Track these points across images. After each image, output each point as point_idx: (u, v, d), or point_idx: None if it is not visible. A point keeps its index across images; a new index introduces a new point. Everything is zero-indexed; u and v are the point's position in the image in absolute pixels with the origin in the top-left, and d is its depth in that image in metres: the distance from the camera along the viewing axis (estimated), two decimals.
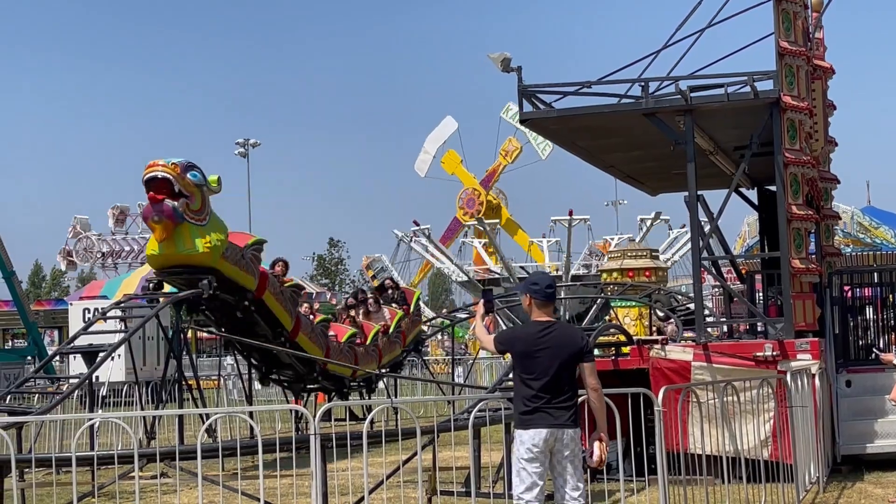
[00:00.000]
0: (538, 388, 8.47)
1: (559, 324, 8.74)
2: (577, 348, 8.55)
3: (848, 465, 14.63)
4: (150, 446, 14.26)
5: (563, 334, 8.60)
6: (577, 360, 8.53)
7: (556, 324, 8.66)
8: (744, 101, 14.04)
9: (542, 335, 8.54)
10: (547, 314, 8.65)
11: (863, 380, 15.26)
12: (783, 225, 14.12)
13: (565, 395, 8.48)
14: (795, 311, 14.02)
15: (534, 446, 8.42)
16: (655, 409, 10.38)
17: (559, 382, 8.46)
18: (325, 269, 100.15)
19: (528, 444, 8.44)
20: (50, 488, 10.44)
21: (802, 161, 14.21)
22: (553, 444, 8.41)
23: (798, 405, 12.36)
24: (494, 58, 14.76)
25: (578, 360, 8.53)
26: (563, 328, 8.75)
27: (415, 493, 11.06)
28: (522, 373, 8.59)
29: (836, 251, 17.94)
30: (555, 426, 8.40)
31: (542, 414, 8.44)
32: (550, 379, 8.45)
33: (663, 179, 18.74)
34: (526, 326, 8.82)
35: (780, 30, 14.17)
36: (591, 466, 8.69)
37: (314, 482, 9.50)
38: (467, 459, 11.84)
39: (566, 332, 8.72)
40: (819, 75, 15.92)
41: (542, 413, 8.44)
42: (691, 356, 13.94)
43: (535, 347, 8.53)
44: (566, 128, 15.49)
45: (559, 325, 8.72)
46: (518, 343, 8.67)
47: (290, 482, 13.00)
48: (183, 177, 15.33)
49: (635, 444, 10.88)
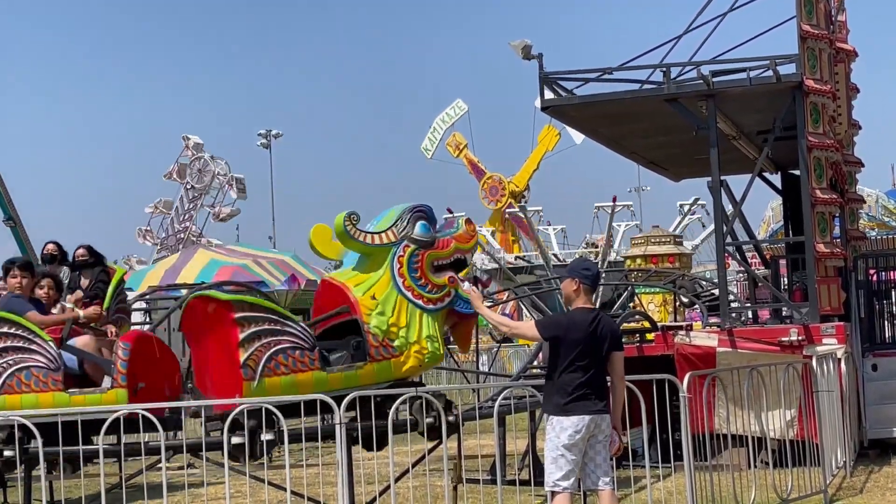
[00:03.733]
0: (587, 376, 8.46)
1: (601, 312, 8.78)
2: (616, 337, 8.70)
3: (875, 448, 14.59)
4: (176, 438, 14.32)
5: (608, 323, 8.69)
6: (611, 349, 8.58)
7: (600, 312, 8.72)
8: (766, 85, 13.98)
9: (594, 323, 8.53)
10: (590, 301, 8.66)
11: (889, 363, 15.19)
12: (807, 209, 14.06)
13: (603, 382, 8.57)
14: (820, 296, 13.96)
15: (576, 433, 8.38)
16: (681, 395, 10.36)
17: (600, 370, 8.54)
18: None
19: (570, 431, 8.38)
20: (78, 480, 10.49)
21: (826, 145, 14.14)
22: (593, 430, 8.43)
23: (824, 390, 12.32)
24: (515, 45, 14.84)
25: (611, 348, 8.58)
26: (605, 317, 8.78)
27: (441, 482, 11.07)
28: (572, 359, 8.47)
29: (860, 235, 17.86)
30: (595, 412, 8.42)
31: (585, 402, 8.43)
32: (599, 367, 8.52)
33: (686, 165, 18.69)
34: (576, 314, 8.63)
35: (801, 13, 14.09)
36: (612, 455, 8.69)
37: (340, 472, 9.53)
38: (493, 448, 11.85)
39: (608, 321, 8.77)
40: (842, 58, 15.83)
41: (585, 401, 8.44)
42: (716, 342, 13.90)
43: (589, 335, 8.50)
44: (588, 115, 15.46)
45: (601, 313, 8.76)
46: (572, 330, 8.51)
47: (316, 472, 13.05)
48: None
49: (661, 430, 10.84)
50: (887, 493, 12.05)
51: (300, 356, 9.72)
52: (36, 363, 9.79)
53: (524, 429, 12.93)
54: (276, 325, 9.68)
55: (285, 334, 9.71)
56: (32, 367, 9.76)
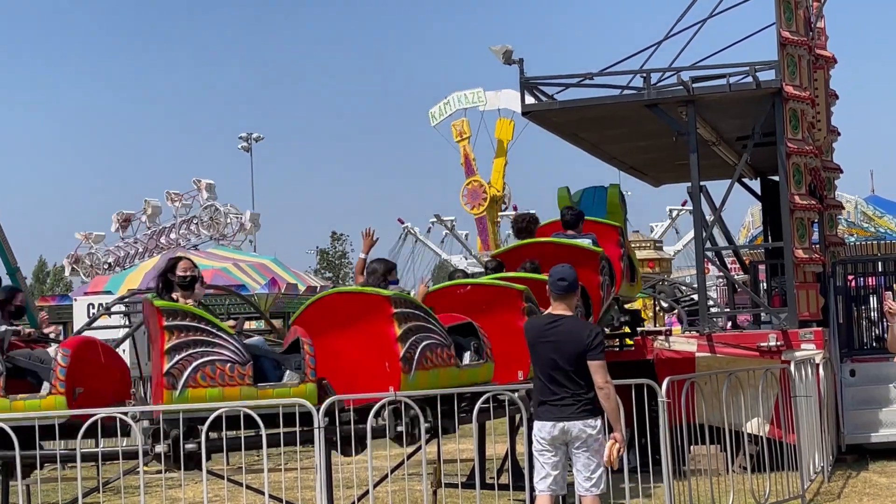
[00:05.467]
0: (544, 381, 8.45)
1: (568, 318, 8.52)
2: (581, 345, 8.34)
3: (853, 454, 14.64)
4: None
5: (568, 329, 8.45)
6: (583, 357, 8.34)
7: (565, 318, 8.49)
8: (746, 91, 14.03)
9: (549, 328, 8.47)
10: (563, 307, 8.51)
11: (867, 369, 15.25)
12: (786, 215, 14.12)
13: (571, 389, 8.36)
14: (799, 301, 14.02)
15: (542, 438, 8.43)
16: (659, 399, 10.38)
17: (562, 377, 8.37)
18: (329, 262, 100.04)
19: (537, 436, 8.47)
20: (55, 484, 10.46)
21: (805, 151, 14.20)
22: (562, 436, 8.39)
23: (802, 395, 12.36)
24: (496, 50, 14.81)
25: (584, 357, 8.34)
26: (570, 323, 8.52)
27: (420, 486, 11.07)
28: (536, 364, 8.60)
29: (839, 241, 17.94)
30: (560, 419, 8.37)
31: (548, 407, 8.42)
32: (553, 372, 8.40)
33: (666, 170, 18.74)
34: (538, 318, 8.78)
35: (781, 19, 14.15)
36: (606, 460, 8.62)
37: (319, 476, 9.51)
38: (472, 452, 11.84)
39: (572, 327, 8.50)
40: (821, 65, 15.91)
41: (549, 406, 8.42)
42: (695, 347, 13.95)
43: (540, 339, 8.49)
44: (568, 120, 15.48)
45: (567, 319, 8.51)
46: (527, 333, 8.63)
47: (294, 476, 13.02)
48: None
49: (639, 435, 10.87)
50: (864, 498, 12.10)
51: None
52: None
53: (504, 433, 12.92)
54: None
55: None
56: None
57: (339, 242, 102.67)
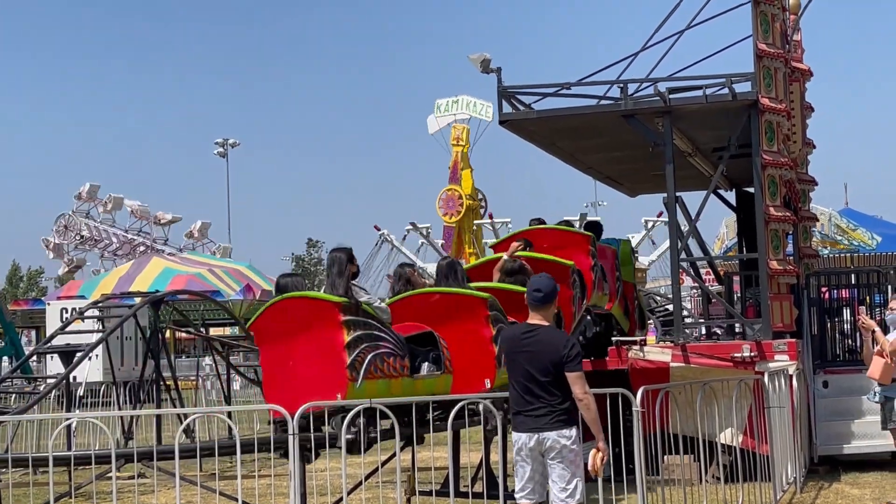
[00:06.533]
0: (520, 391, 8.46)
1: (544, 328, 8.50)
2: (556, 356, 8.31)
3: (825, 465, 14.70)
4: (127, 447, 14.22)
5: (543, 340, 8.42)
6: (559, 367, 8.31)
7: (541, 328, 8.48)
8: (722, 102, 14.08)
9: (524, 338, 8.47)
10: (539, 318, 8.51)
11: (840, 381, 15.33)
12: (761, 226, 14.17)
13: (545, 399, 8.34)
14: (773, 313, 14.07)
15: (519, 449, 8.47)
16: (634, 409, 10.39)
17: (538, 387, 8.36)
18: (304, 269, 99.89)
19: (515, 446, 8.50)
20: (26, 489, 10.40)
21: (780, 163, 14.26)
22: (538, 447, 8.38)
23: (775, 406, 12.41)
24: (474, 59, 14.81)
25: (560, 368, 8.31)
26: (546, 333, 8.48)
27: (393, 494, 11.05)
28: (510, 374, 8.59)
29: (813, 253, 18.02)
30: (534, 430, 8.37)
31: (522, 418, 8.43)
32: (528, 383, 8.39)
33: (642, 181, 18.79)
34: (514, 327, 8.78)
35: (758, 32, 14.22)
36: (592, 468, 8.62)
37: (292, 483, 9.49)
38: (446, 460, 11.83)
39: (548, 337, 8.45)
40: (797, 77, 15.99)
41: (523, 417, 8.43)
42: (670, 357, 13.98)
43: (516, 350, 8.50)
44: (545, 129, 15.51)
45: (544, 329, 8.49)
46: (503, 343, 8.68)
47: (268, 482, 12.99)
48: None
49: (614, 444, 10.88)
50: None
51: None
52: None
53: (479, 441, 12.91)
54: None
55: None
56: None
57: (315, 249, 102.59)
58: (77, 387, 20.48)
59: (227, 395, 20.46)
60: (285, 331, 10.08)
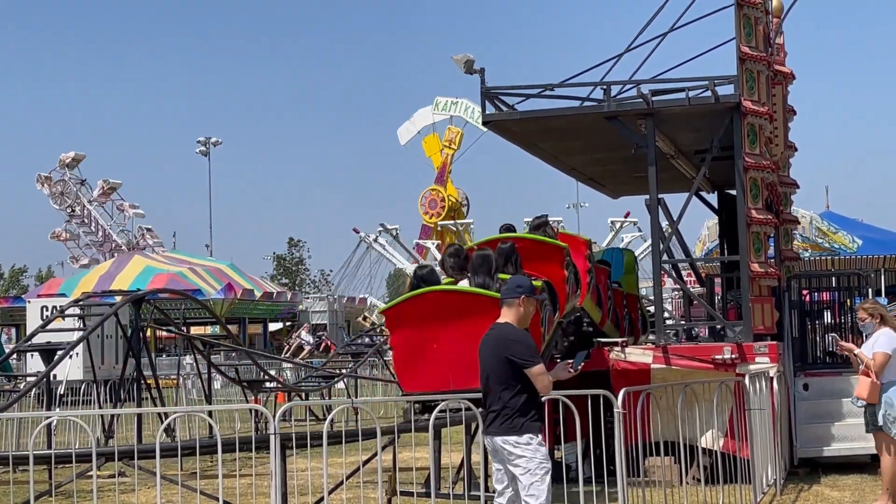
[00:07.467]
0: (483, 392, 8.40)
1: (500, 325, 8.33)
2: (506, 352, 8.12)
3: (805, 467, 14.74)
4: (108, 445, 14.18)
5: (493, 336, 8.29)
6: (509, 365, 8.11)
7: (497, 325, 8.34)
8: (705, 105, 14.12)
9: (485, 337, 8.39)
10: (509, 316, 8.37)
11: (820, 383, 15.37)
12: (742, 229, 14.21)
13: (499, 401, 8.18)
14: (754, 315, 14.11)
15: (489, 453, 8.46)
16: (615, 410, 10.41)
17: (490, 387, 8.26)
18: (286, 269, 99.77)
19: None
20: (7, 487, 10.36)
21: (762, 165, 14.30)
22: (499, 452, 8.29)
23: (756, 408, 12.44)
24: (458, 59, 14.78)
25: (510, 365, 8.11)
26: (497, 329, 8.32)
27: (374, 494, 11.05)
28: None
29: (794, 255, 18.09)
30: (488, 433, 8.31)
31: (489, 422, 8.33)
32: (486, 383, 8.30)
33: (624, 182, 18.83)
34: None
35: (741, 35, 14.26)
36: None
37: (273, 482, 9.47)
38: (427, 460, 11.83)
39: (498, 333, 8.29)
40: (779, 80, 16.04)
41: (485, 418, 8.39)
42: (651, 358, 14.00)
43: (485, 350, 8.38)
44: (528, 130, 15.52)
45: (498, 326, 8.33)
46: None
47: (249, 482, 12.96)
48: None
49: (595, 445, 10.90)
50: None
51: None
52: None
53: (460, 442, 12.91)
54: None
55: None
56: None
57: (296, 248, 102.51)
58: (57, 385, 20.44)
59: (207, 394, 20.45)
60: (435, 319, 10.55)
